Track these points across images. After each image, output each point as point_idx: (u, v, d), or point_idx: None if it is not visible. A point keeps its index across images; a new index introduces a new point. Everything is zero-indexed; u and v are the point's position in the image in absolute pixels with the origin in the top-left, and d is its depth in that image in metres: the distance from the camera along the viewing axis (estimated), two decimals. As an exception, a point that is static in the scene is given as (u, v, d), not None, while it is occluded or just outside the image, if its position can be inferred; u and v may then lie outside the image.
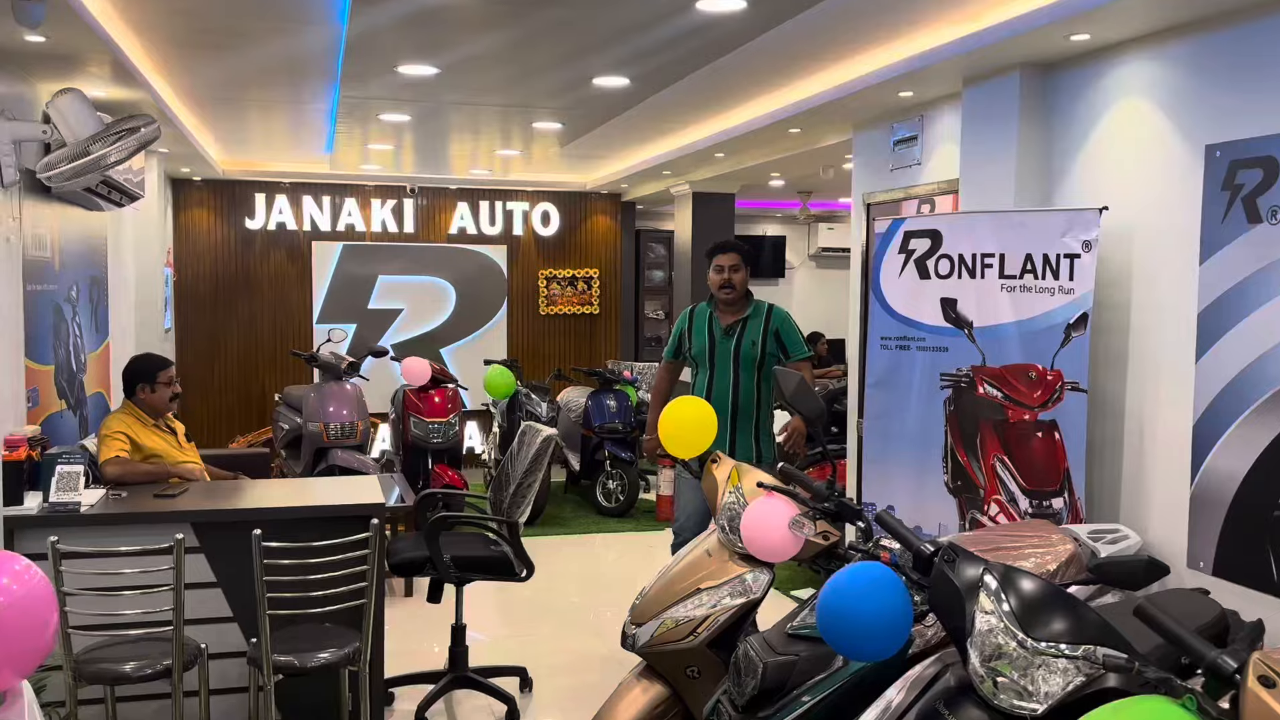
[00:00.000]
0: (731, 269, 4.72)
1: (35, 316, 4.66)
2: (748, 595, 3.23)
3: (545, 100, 5.63)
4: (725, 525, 3.33)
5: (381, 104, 5.84)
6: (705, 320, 4.81)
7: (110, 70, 4.71)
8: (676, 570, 3.43)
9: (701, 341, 4.78)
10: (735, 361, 4.69)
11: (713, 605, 3.25)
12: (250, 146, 8.11)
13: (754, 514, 2.89)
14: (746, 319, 4.73)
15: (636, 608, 3.44)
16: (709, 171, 7.78)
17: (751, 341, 4.69)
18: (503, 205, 10.05)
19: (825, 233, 11.72)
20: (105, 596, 3.58)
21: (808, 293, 12.06)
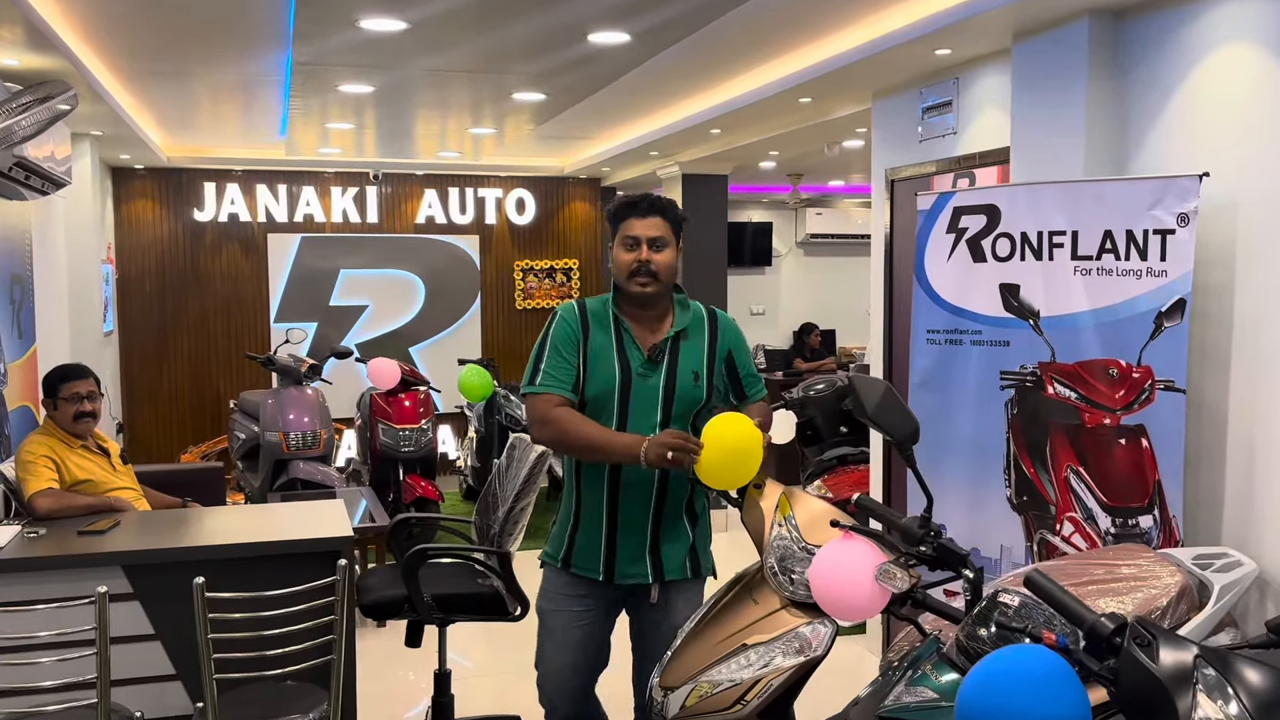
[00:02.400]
0: (651, 244, 2.79)
1: (-63, 320, 3.96)
2: (806, 653, 2.62)
3: (529, 63, 4.96)
4: (775, 565, 2.72)
5: (340, 72, 5.15)
6: (609, 334, 2.86)
7: (23, 33, 4.02)
8: (713, 620, 2.82)
9: (606, 372, 2.82)
10: (666, 409, 2.83)
11: (763, 666, 2.64)
12: (197, 130, 7.39)
13: (828, 561, 2.28)
14: (680, 335, 2.88)
15: (665, 667, 2.82)
16: (701, 151, 7.17)
17: (692, 372, 2.86)
18: (474, 192, 9.38)
19: (814, 218, 11.15)
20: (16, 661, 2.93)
21: (796, 282, 11.49)
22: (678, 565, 2.97)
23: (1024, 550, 3.65)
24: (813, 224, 11.18)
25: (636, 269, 2.79)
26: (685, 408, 2.88)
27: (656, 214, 2.84)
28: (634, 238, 2.81)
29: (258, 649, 2.97)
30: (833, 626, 2.65)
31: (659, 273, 2.81)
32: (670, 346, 2.88)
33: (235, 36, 4.51)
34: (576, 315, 2.89)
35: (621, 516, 2.89)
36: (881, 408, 2.24)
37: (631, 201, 2.87)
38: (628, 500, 2.87)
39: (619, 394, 2.84)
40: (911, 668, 2.20)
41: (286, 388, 6.71)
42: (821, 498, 6.10)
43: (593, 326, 2.87)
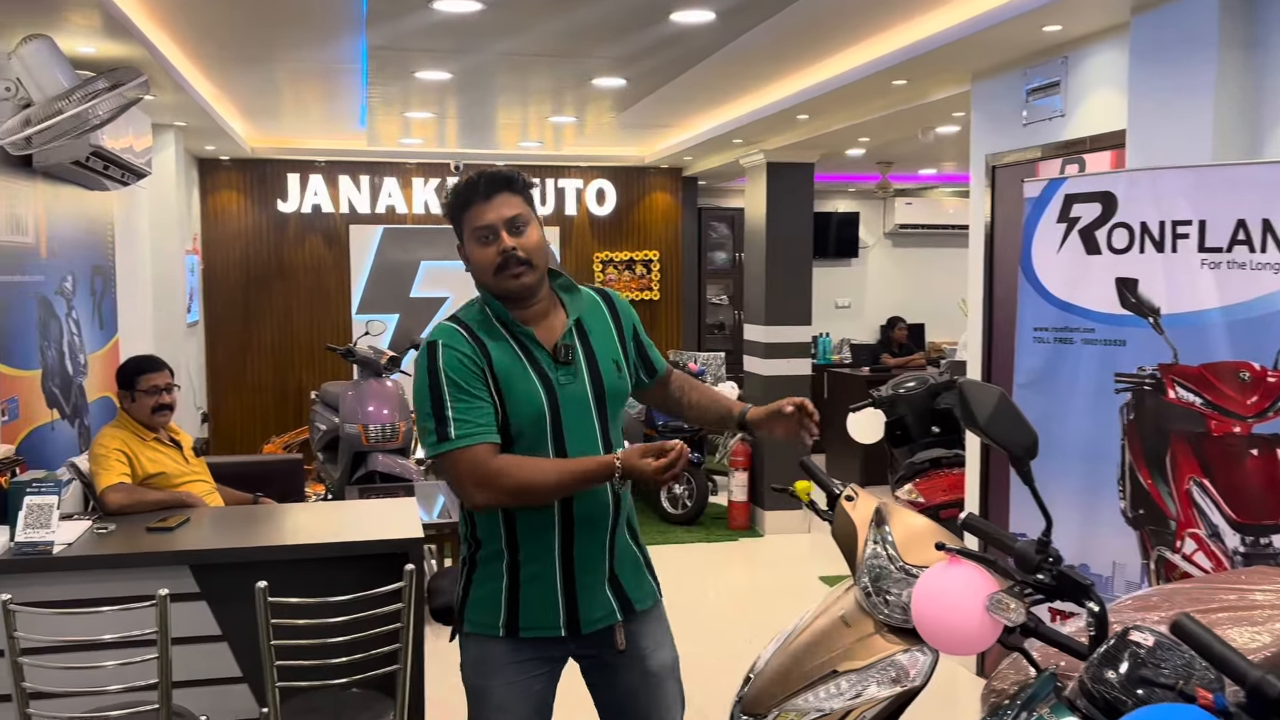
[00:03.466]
0: (510, 226, 2.28)
1: (13, 313, 3.94)
2: (903, 683, 2.40)
3: (610, 46, 4.77)
4: (869, 586, 2.50)
5: (416, 57, 5.03)
6: (510, 346, 2.32)
7: (99, 20, 3.96)
8: (801, 642, 2.60)
9: (528, 394, 2.29)
10: (600, 413, 2.38)
11: (855, 695, 2.42)
12: (280, 120, 7.38)
13: (932, 588, 2.05)
14: (580, 324, 2.42)
15: (748, 692, 2.61)
16: (787, 138, 6.90)
17: (613, 363, 2.43)
18: (554, 183, 9.24)
19: (903, 208, 10.79)
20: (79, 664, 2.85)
21: (883, 273, 11.14)
22: (641, 591, 2.49)
23: (1139, 568, 3.37)
24: (902, 214, 10.82)
25: (503, 261, 2.26)
26: (616, 406, 2.43)
27: (502, 189, 2.29)
28: (486, 226, 2.27)
29: (322, 655, 2.86)
30: (933, 655, 2.42)
31: (531, 257, 2.29)
32: (578, 339, 2.39)
33: (310, 19, 4.42)
34: (465, 338, 2.29)
35: (578, 555, 2.34)
36: (995, 418, 2.00)
37: (468, 185, 2.30)
38: (585, 535, 2.34)
39: (549, 414, 2.29)
40: (1026, 708, 1.96)
41: (366, 380, 6.66)
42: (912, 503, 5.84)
43: (489, 345, 2.29)
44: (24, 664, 2.81)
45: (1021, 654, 2.23)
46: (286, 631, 2.88)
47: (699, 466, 7.56)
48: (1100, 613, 1.91)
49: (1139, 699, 1.62)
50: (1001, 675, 2.47)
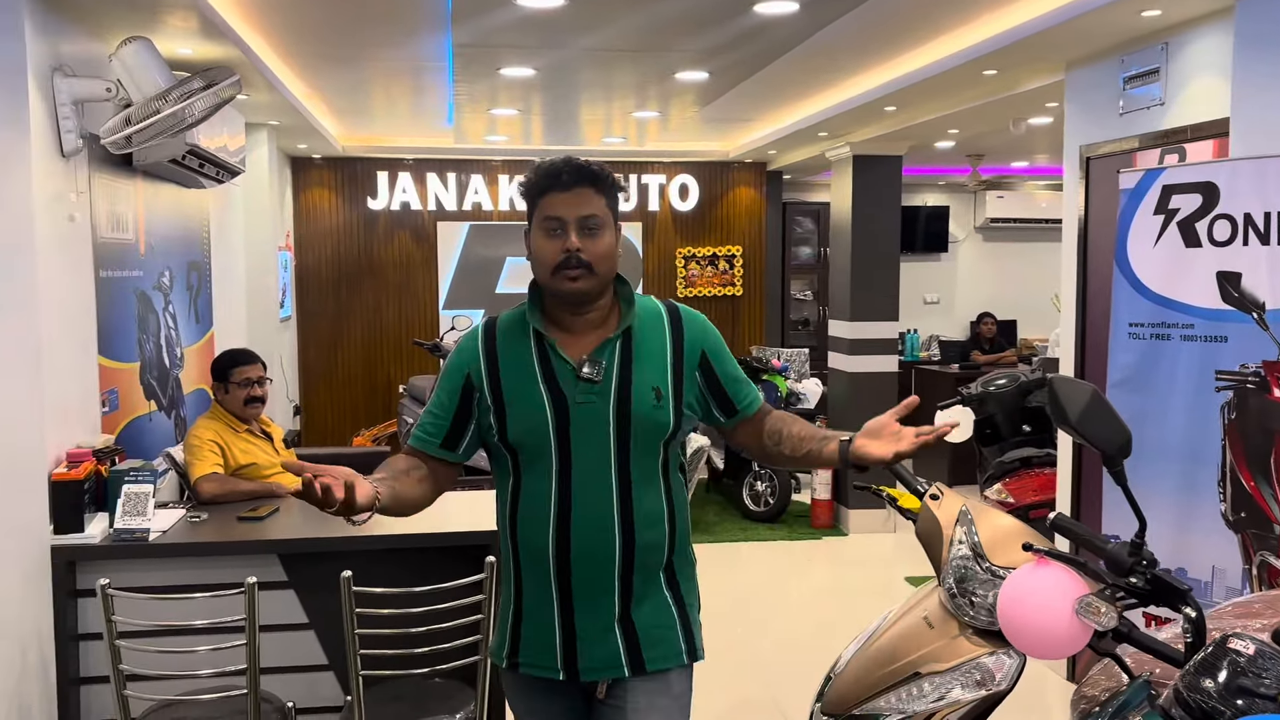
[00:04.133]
0: (582, 226, 2.07)
1: (113, 307, 4.07)
2: (988, 686, 2.33)
3: (692, 39, 4.74)
4: (954, 587, 2.43)
5: (501, 53, 5.07)
6: (528, 354, 2.12)
7: (196, 22, 4.07)
8: (882, 643, 2.55)
9: (531, 406, 2.08)
10: (621, 440, 2.08)
11: (938, 698, 2.36)
12: (370, 119, 7.52)
13: (1019, 590, 1.99)
14: (627, 338, 2.13)
15: (828, 693, 2.57)
16: (874, 130, 6.79)
17: (652, 389, 2.10)
18: (637, 179, 9.25)
19: (994, 201, 10.55)
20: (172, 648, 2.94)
21: (974, 268, 10.92)
22: (665, 648, 2.15)
23: (1240, 573, 3.23)
24: (993, 208, 10.58)
25: (564, 260, 2.05)
26: (647, 437, 2.08)
27: (585, 184, 2.08)
28: (557, 219, 2.07)
29: (406, 645, 2.90)
30: (1020, 658, 2.34)
31: (594, 263, 2.06)
32: (618, 356, 2.10)
33: (396, 18, 4.48)
34: (477, 342, 2.16)
35: (577, 592, 2.09)
36: (1087, 415, 1.93)
37: (550, 170, 2.09)
38: (584, 570, 2.08)
39: (555, 431, 2.06)
40: (1118, 716, 1.89)
41: (450, 375, 6.73)
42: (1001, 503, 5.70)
43: (505, 351, 2.13)
44: (121, 647, 2.90)
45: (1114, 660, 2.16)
46: (370, 620, 2.93)
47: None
48: (1198, 619, 1.83)
49: (1238, 709, 1.56)
50: (1092, 681, 2.39)
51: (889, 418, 2.17)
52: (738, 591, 6.08)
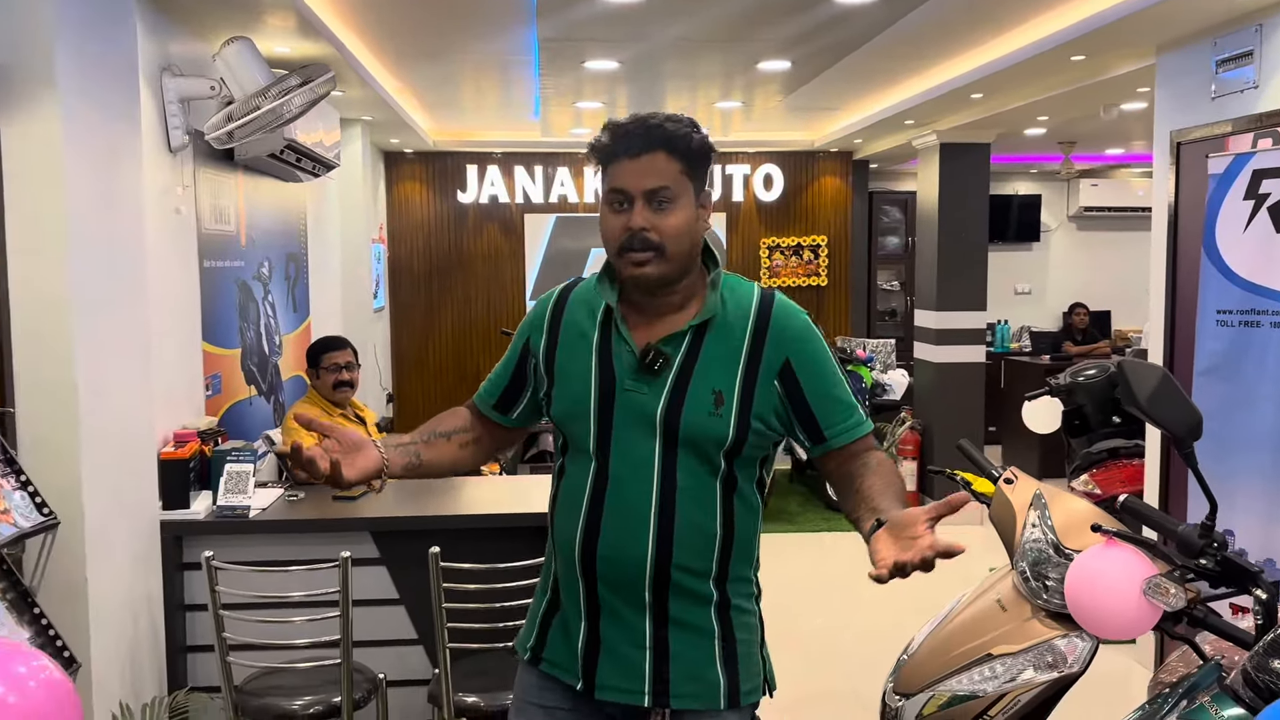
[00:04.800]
0: (650, 199, 1.81)
1: (216, 296, 4.27)
2: (1060, 669, 2.35)
3: (775, 29, 4.77)
4: (1027, 570, 2.45)
5: (586, 46, 5.16)
6: (592, 329, 1.93)
7: (294, 21, 4.24)
8: (956, 625, 2.58)
9: (578, 384, 1.90)
10: (667, 443, 1.83)
11: (1010, 679, 2.39)
12: (459, 113, 7.69)
13: (1087, 571, 2.01)
14: (702, 331, 1.87)
15: (901, 672, 2.61)
16: (961, 118, 6.72)
17: (712, 392, 1.84)
18: (721, 169, 9.27)
19: (1088, 190, 10.31)
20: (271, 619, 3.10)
21: (1066, 258, 10.69)
22: (699, 687, 1.86)
23: (1333, 566, 3.16)
24: (1087, 196, 10.34)
25: (627, 241, 1.81)
26: (699, 444, 1.82)
27: (658, 147, 1.79)
28: (622, 192, 1.81)
29: (492, 619, 3.01)
30: (1092, 641, 2.35)
31: (665, 244, 1.81)
32: (687, 348, 1.85)
33: (484, 13, 4.60)
34: (548, 306, 2.00)
35: (604, 602, 1.86)
36: (1156, 397, 1.93)
37: (619, 132, 1.83)
38: (609, 570, 1.84)
39: (596, 415, 1.85)
40: (1187, 696, 1.90)
41: (536, 363, 6.87)
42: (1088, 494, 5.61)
43: (570, 320, 1.95)
44: (224, 617, 3.07)
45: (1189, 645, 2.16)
46: (458, 596, 3.04)
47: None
48: (1269, 600, 1.83)
49: (1304, 689, 1.56)
50: (1170, 668, 2.38)
51: (921, 515, 1.67)
52: (819, 581, 6.09)
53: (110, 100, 3.07)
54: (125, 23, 3.19)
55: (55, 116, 2.71)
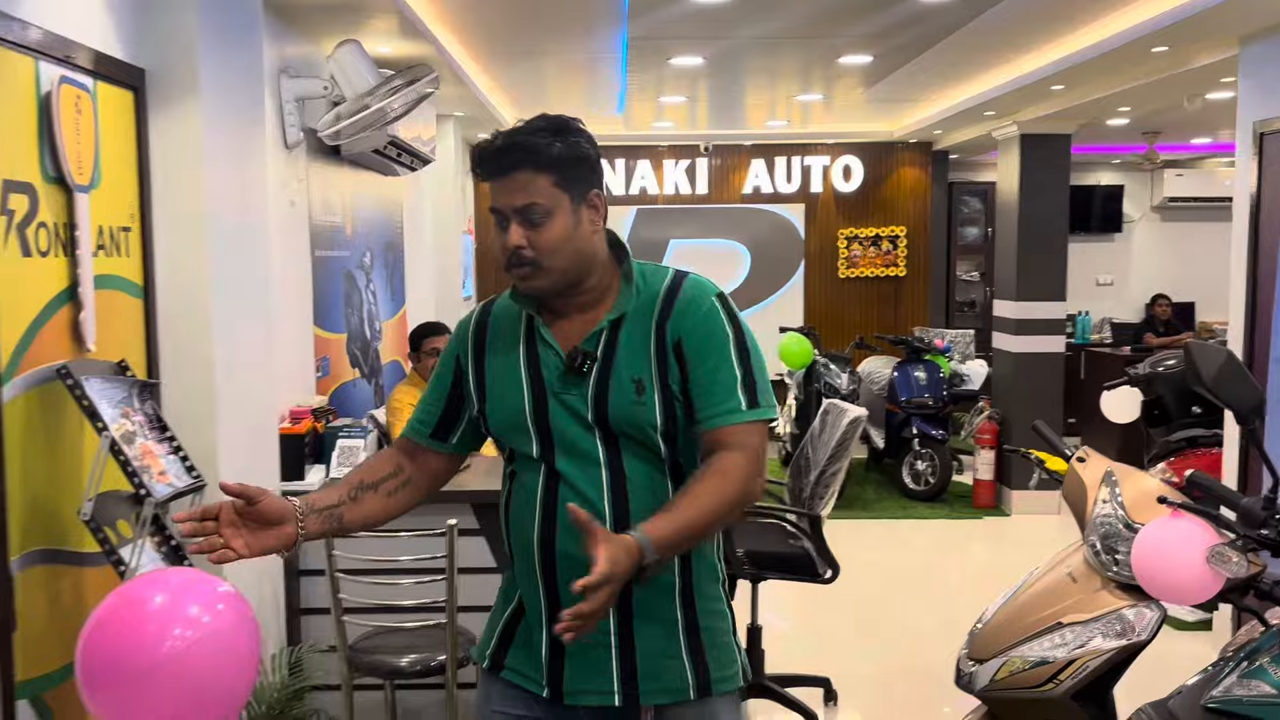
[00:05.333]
0: (521, 215, 1.80)
1: (325, 283, 4.55)
2: (1128, 637, 2.48)
3: (857, 25, 4.90)
4: (1097, 544, 2.58)
5: (672, 44, 5.34)
6: (518, 339, 1.92)
7: (396, 23, 4.49)
8: (1029, 596, 2.71)
9: (511, 394, 1.89)
10: (606, 438, 1.84)
11: (1079, 646, 2.52)
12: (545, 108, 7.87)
13: (1153, 540, 2.14)
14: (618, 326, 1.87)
15: (975, 638, 2.75)
16: (1041, 109, 6.75)
17: (632, 381, 1.84)
18: (800, 160, 9.39)
19: (1173, 180, 10.20)
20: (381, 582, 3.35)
21: (1150, 249, 10.58)
22: (668, 679, 1.86)
23: None
24: (1171, 186, 10.22)
25: (509, 259, 1.82)
26: (635, 434, 1.83)
27: (522, 165, 1.77)
28: (498, 211, 1.82)
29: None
30: (1159, 611, 2.48)
31: (540, 259, 1.80)
32: (605, 343, 1.85)
33: (577, 16, 4.81)
34: (469, 324, 1.99)
35: (564, 597, 1.79)
36: (1221, 376, 2.05)
37: (484, 153, 1.83)
38: (568, 571, 1.75)
39: (533, 423, 1.85)
40: (1248, 659, 2.02)
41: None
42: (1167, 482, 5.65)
43: (494, 335, 1.94)
44: (340, 579, 3.32)
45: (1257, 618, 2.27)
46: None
47: (943, 444, 7.52)
48: (1327, 569, 1.94)
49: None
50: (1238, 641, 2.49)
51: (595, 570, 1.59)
52: (897, 566, 6.21)
53: (240, 101, 3.33)
54: (253, 30, 3.45)
55: (197, 116, 2.97)
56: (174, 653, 1.49)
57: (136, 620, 1.53)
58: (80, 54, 2.58)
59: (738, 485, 1.77)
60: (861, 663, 4.67)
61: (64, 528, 2.46)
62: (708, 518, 1.74)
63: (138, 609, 1.55)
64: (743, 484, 1.77)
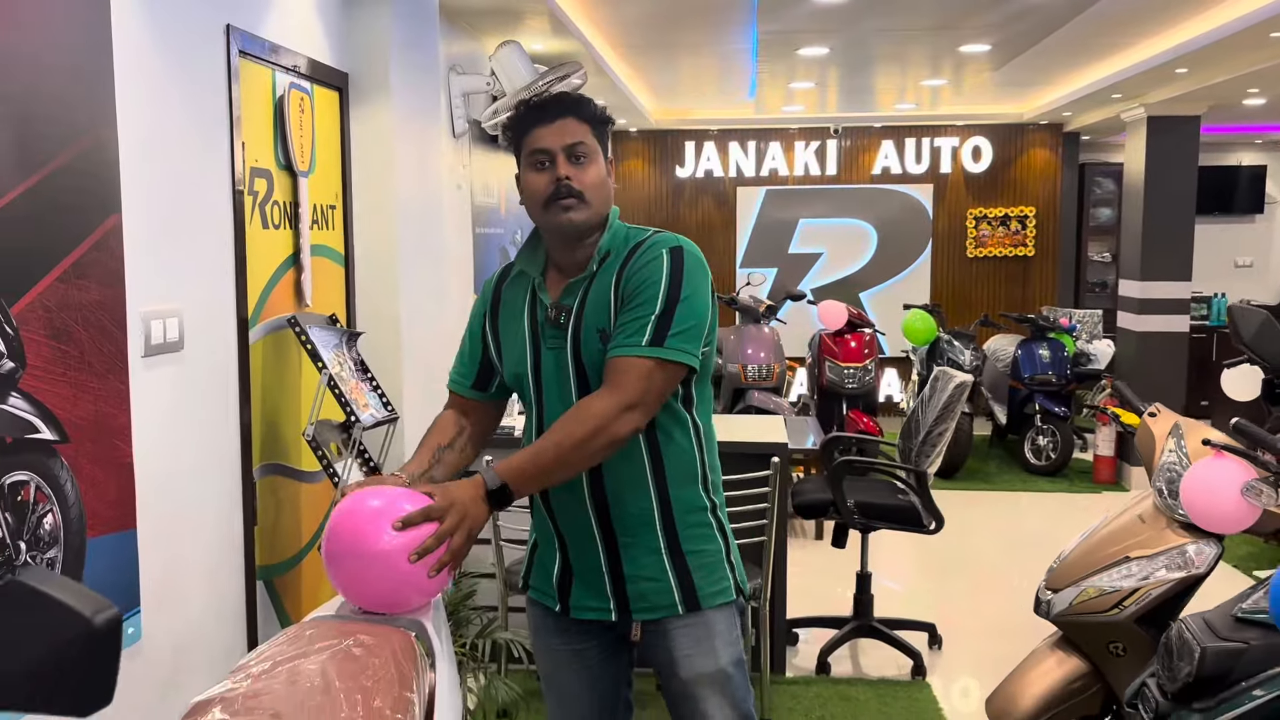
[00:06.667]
0: (569, 154, 2.00)
1: (483, 257, 5.11)
2: (1188, 569, 2.81)
3: (972, 18, 5.20)
4: (1163, 488, 2.90)
5: (800, 37, 5.73)
6: (522, 294, 2.13)
7: (548, 23, 5.01)
8: (1103, 534, 3.06)
9: (516, 348, 2.11)
10: (580, 384, 2.03)
11: (1144, 577, 2.86)
12: (680, 95, 8.37)
13: (1198, 476, 2.47)
14: (589, 277, 2.05)
15: (1054, 571, 3.12)
16: (1168, 91, 6.84)
17: (597, 331, 2.01)
18: (930, 142, 9.59)
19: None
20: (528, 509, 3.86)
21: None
22: (655, 598, 2.08)
23: None
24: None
25: (554, 191, 1.98)
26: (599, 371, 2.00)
27: (568, 114, 2.01)
28: (543, 150, 1.99)
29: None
30: (1217, 548, 2.80)
31: (585, 192, 1.99)
32: (579, 296, 2.03)
33: (711, 14, 5.24)
34: (491, 284, 2.22)
35: (567, 537, 2.11)
36: (1259, 335, 2.37)
37: (531, 105, 2.05)
38: (563, 507, 2.08)
39: (531, 372, 2.07)
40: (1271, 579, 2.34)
41: (746, 325, 7.46)
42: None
43: (506, 296, 2.16)
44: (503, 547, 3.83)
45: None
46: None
47: (1065, 420, 7.67)
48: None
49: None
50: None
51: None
52: (1012, 533, 6.47)
53: (421, 97, 3.88)
54: (431, 34, 4.00)
55: (388, 111, 3.54)
56: (389, 548, 1.72)
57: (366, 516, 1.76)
58: (303, 63, 3.15)
59: (590, 425, 1.89)
60: (967, 615, 5.00)
61: (290, 447, 3.06)
62: (554, 452, 1.88)
63: (364, 505, 1.78)
64: (596, 422, 1.89)
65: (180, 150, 2.50)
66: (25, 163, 1.93)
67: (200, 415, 2.59)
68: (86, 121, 2.11)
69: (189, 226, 2.54)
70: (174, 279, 2.46)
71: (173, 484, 2.46)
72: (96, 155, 2.13)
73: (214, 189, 2.65)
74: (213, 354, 2.64)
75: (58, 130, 2.02)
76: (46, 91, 1.99)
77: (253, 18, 2.86)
